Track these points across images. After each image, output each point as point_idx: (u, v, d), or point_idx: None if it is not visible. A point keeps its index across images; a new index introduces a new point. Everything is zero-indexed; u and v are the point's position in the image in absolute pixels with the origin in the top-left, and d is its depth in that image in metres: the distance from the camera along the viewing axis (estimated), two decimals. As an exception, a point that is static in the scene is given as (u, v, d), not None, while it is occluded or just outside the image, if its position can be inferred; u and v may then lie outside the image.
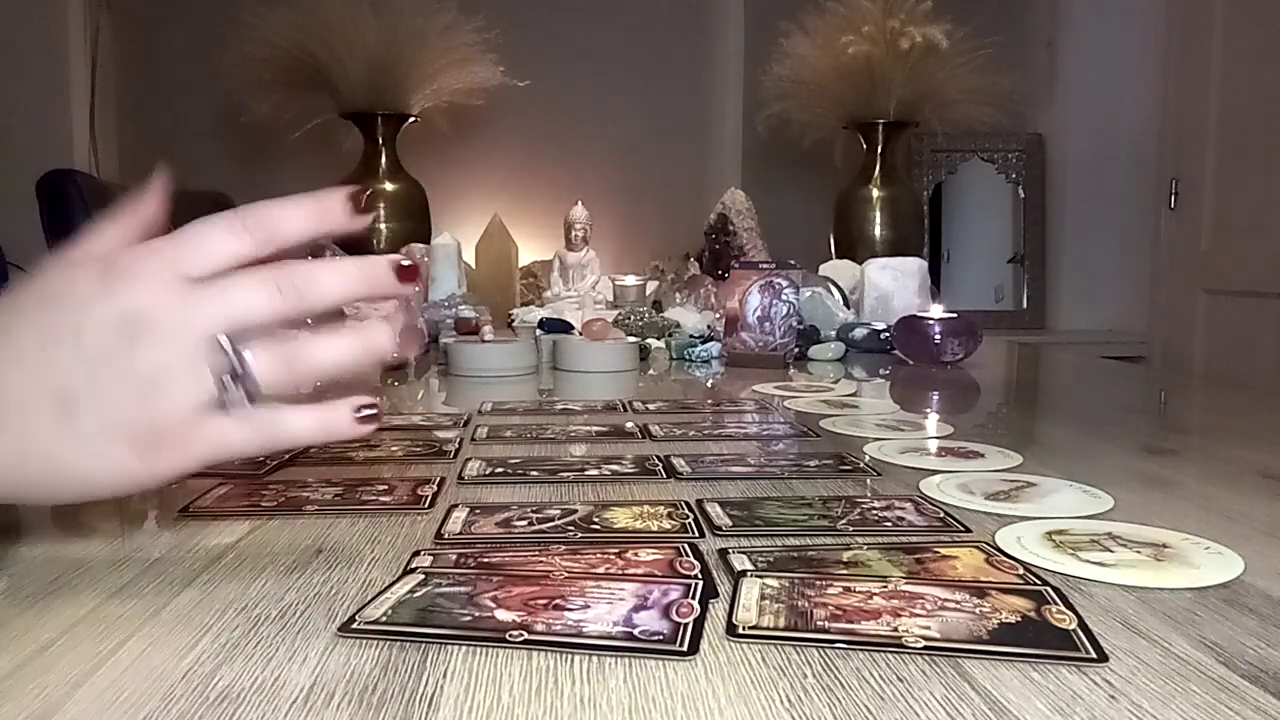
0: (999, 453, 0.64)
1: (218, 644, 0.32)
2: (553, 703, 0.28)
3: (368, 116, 2.21)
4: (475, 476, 0.57)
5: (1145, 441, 0.77)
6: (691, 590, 0.36)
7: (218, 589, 0.38)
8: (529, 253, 2.06)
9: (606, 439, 0.70)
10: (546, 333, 1.24)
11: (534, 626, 0.33)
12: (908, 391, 1.06)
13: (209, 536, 0.45)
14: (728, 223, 1.87)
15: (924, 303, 1.41)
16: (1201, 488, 0.56)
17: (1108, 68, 2.53)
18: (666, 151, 2.66)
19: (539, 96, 2.34)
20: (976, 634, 0.32)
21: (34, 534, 0.46)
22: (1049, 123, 2.61)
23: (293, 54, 2.11)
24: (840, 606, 0.35)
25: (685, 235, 2.28)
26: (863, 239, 2.31)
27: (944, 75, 2.21)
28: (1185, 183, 2.36)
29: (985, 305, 2.58)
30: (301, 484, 0.55)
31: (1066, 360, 1.56)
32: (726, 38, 2.64)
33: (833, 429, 0.74)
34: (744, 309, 1.20)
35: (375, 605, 0.35)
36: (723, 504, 0.50)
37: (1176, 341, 2.38)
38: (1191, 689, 0.29)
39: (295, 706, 0.28)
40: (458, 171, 2.53)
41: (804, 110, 2.31)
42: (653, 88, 2.63)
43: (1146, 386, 1.28)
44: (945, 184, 2.63)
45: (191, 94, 2.44)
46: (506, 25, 2.24)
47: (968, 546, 0.42)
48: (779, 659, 0.31)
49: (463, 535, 0.45)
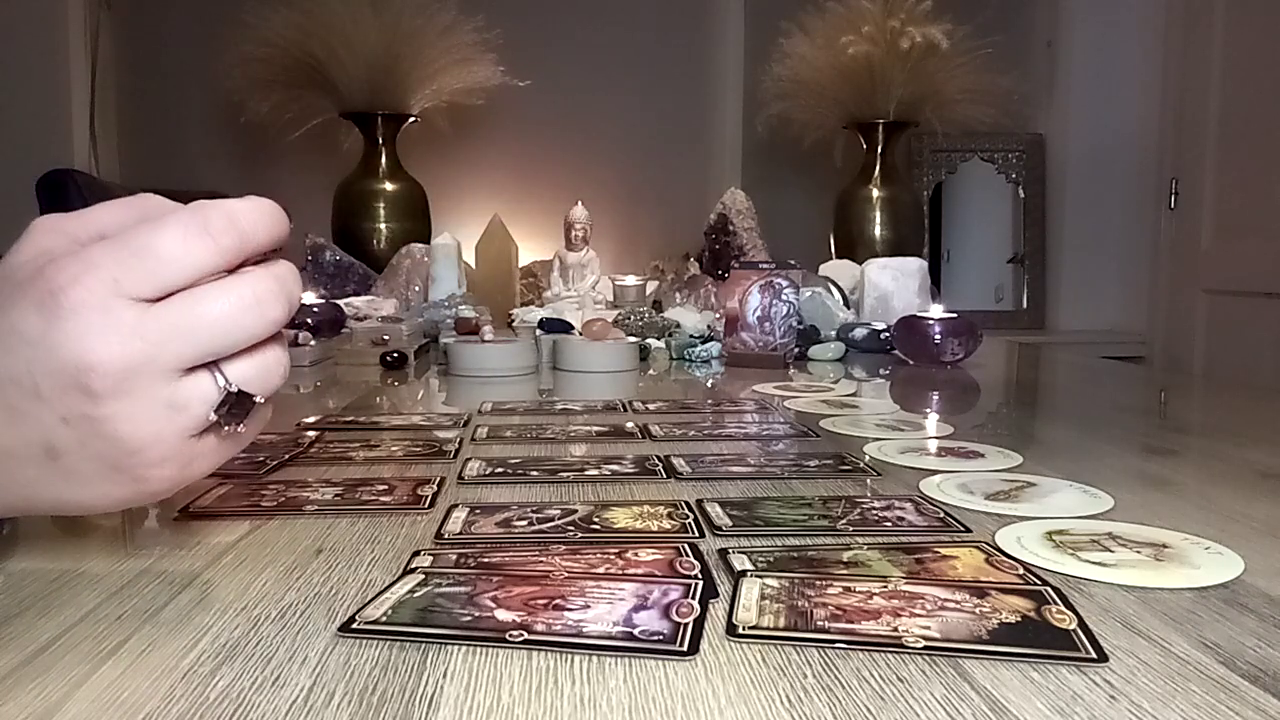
0: (999, 453, 0.64)
1: (218, 644, 0.32)
2: (553, 703, 0.28)
3: (368, 116, 2.21)
4: (475, 476, 0.57)
5: (1145, 441, 0.77)
6: (691, 590, 0.36)
7: (218, 589, 0.38)
8: (529, 253, 2.07)
9: (606, 439, 0.70)
10: (546, 333, 1.24)
11: (534, 626, 0.33)
12: (908, 391, 1.06)
13: (209, 536, 0.45)
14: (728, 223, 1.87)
15: (924, 303, 1.41)
16: (1201, 488, 0.56)
17: (1108, 68, 2.53)
18: (666, 152, 2.66)
19: (539, 96, 2.34)
20: (976, 634, 0.32)
21: (34, 534, 0.46)
22: (1049, 123, 2.61)
23: (293, 54, 2.12)
24: (840, 606, 0.35)
25: (685, 235, 2.28)
26: (863, 239, 2.32)
27: (944, 75, 2.21)
28: (1185, 183, 2.36)
29: (985, 305, 2.58)
30: (301, 484, 0.55)
31: (1066, 360, 1.56)
32: (726, 38, 2.64)
33: (833, 429, 0.74)
34: (744, 309, 1.20)
35: (375, 605, 0.35)
36: (723, 504, 0.50)
37: (1176, 341, 2.38)
38: (1191, 689, 0.29)
39: (295, 706, 0.28)
40: (458, 171, 2.53)
41: (804, 110, 2.31)
42: (653, 88, 2.63)
43: (1146, 386, 1.28)
44: (945, 184, 2.63)
45: (191, 94, 2.45)
46: (506, 25, 2.24)
47: (968, 546, 0.42)
48: (779, 659, 0.31)
49: (463, 535, 0.45)
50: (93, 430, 0.32)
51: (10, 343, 0.32)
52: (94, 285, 0.31)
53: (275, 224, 0.35)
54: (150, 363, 0.32)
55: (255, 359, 0.34)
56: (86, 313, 0.31)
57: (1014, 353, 1.51)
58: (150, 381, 0.32)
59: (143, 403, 0.32)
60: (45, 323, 0.31)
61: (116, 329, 0.31)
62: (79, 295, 0.31)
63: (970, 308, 2.18)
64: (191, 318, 0.32)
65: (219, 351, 0.33)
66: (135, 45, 2.47)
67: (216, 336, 0.33)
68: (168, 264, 0.32)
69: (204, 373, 0.33)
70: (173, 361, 0.32)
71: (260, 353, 0.35)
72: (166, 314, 0.32)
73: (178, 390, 0.33)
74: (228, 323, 0.33)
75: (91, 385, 0.31)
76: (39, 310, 0.31)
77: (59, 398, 0.32)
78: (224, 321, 0.33)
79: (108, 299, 0.31)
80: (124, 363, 0.31)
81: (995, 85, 2.22)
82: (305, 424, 0.75)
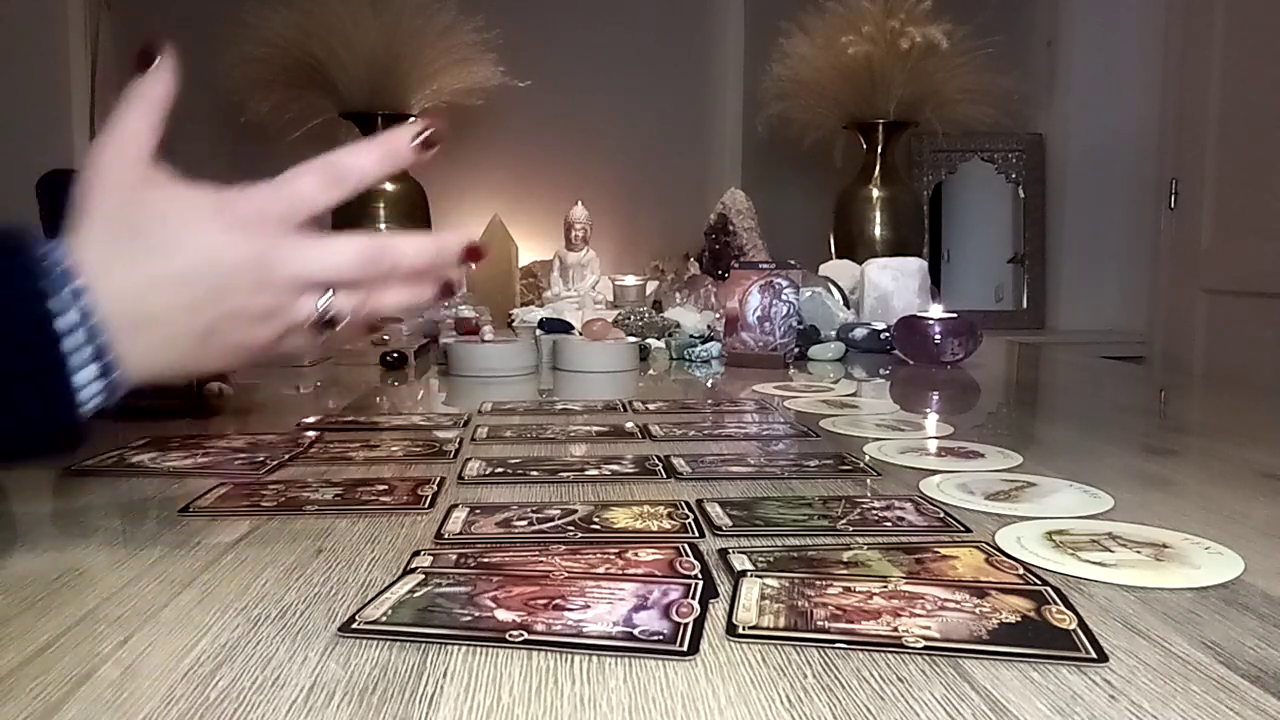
0: (999, 453, 0.64)
1: (218, 644, 0.32)
2: (553, 703, 0.28)
3: (368, 116, 2.21)
4: (475, 476, 0.57)
5: (1145, 441, 0.77)
6: (691, 590, 0.36)
7: (218, 589, 0.38)
8: (529, 253, 2.07)
9: (606, 439, 0.70)
10: (546, 333, 1.24)
11: (534, 626, 0.33)
12: (908, 391, 1.06)
13: (209, 536, 0.45)
14: (728, 223, 1.87)
15: (924, 303, 1.41)
16: (1201, 488, 0.56)
17: (1108, 68, 2.53)
18: (666, 151, 2.66)
19: (539, 96, 2.34)
20: (976, 634, 0.32)
21: (34, 534, 0.46)
22: (1049, 123, 2.61)
23: (293, 54, 2.11)
24: (840, 606, 0.35)
25: (685, 235, 2.28)
26: (863, 239, 2.31)
27: (944, 75, 2.21)
28: (1185, 183, 2.36)
29: (985, 305, 2.58)
30: (301, 484, 0.55)
31: (1066, 360, 1.56)
32: (726, 38, 2.63)
33: (833, 429, 0.74)
34: (744, 309, 1.20)
35: (375, 605, 0.35)
36: (723, 504, 0.50)
37: (1176, 341, 2.38)
38: (1191, 689, 0.29)
39: (295, 706, 0.28)
40: (458, 171, 2.53)
41: (804, 110, 2.31)
42: (653, 88, 2.63)
43: (1146, 386, 1.28)
44: (945, 184, 2.63)
45: (191, 94, 2.43)
46: (506, 25, 2.24)
47: (968, 546, 0.42)
48: (779, 659, 0.31)
49: (463, 535, 0.45)
50: (242, 311, 0.43)
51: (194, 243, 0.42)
52: (270, 213, 0.44)
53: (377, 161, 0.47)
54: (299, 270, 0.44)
55: (357, 292, 0.46)
56: (269, 232, 0.43)
57: (1014, 353, 1.51)
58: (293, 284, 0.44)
59: (283, 296, 0.44)
60: (230, 234, 0.43)
61: (284, 244, 0.44)
62: (260, 217, 0.43)
63: (970, 308, 2.18)
64: (327, 248, 0.44)
65: (336, 275, 0.45)
66: (135, 45, 2.47)
67: (335, 263, 0.45)
68: (312, 200, 0.45)
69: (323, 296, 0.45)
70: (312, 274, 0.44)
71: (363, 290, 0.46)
72: (315, 243, 0.44)
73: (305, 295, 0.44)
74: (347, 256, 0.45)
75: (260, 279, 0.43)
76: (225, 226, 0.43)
77: (231, 285, 0.42)
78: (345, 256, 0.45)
79: (279, 224, 0.44)
80: (285, 268, 0.44)
81: (995, 85, 2.22)
82: (305, 424, 0.75)
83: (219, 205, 0.43)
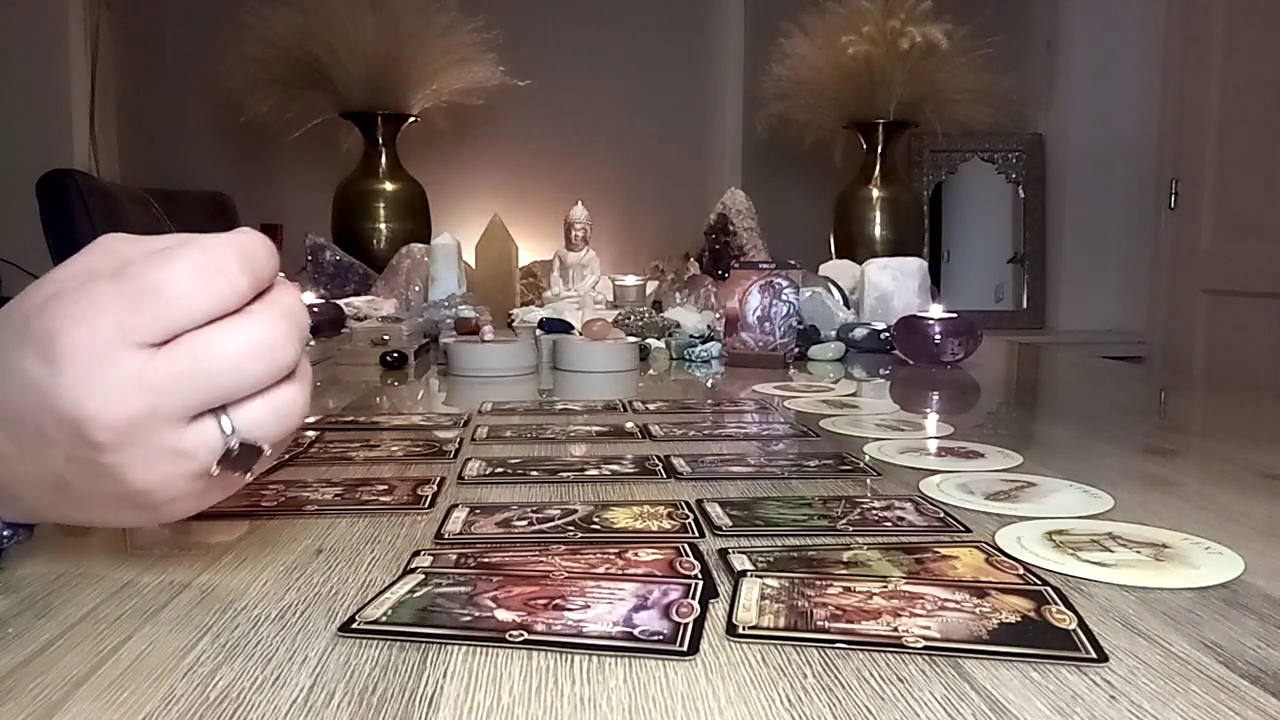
0: (999, 453, 0.64)
1: (218, 644, 0.32)
2: (553, 703, 0.28)
3: (368, 116, 2.21)
4: (475, 476, 0.57)
5: (1145, 441, 0.77)
6: (691, 590, 0.36)
7: (218, 589, 0.38)
8: (529, 253, 2.06)
9: (606, 439, 0.70)
10: (546, 333, 1.24)
11: (534, 626, 0.33)
12: (908, 391, 1.06)
13: (209, 536, 0.45)
14: (728, 223, 1.87)
15: (924, 303, 1.41)
16: (1201, 488, 0.56)
17: (1108, 68, 2.53)
18: (666, 151, 2.66)
19: (539, 96, 2.34)
20: (976, 634, 0.32)
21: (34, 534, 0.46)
22: (1049, 123, 2.61)
23: (293, 54, 2.12)
24: (840, 606, 0.35)
25: (685, 235, 2.28)
26: (863, 239, 2.32)
27: (944, 75, 2.21)
28: (1185, 183, 2.36)
29: (985, 305, 2.58)
30: (301, 484, 0.55)
31: (1066, 360, 1.55)
32: (726, 38, 2.64)
33: (833, 429, 0.74)
34: (744, 309, 1.20)
35: (375, 605, 0.35)
36: (723, 504, 0.50)
37: (1176, 341, 2.38)
38: (1191, 689, 0.29)
39: (295, 706, 0.28)
40: (458, 171, 2.53)
41: (804, 110, 2.31)
42: (653, 88, 2.63)
43: (1146, 386, 1.27)
44: (945, 184, 2.63)
45: (191, 94, 2.45)
46: (506, 25, 2.24)
47: (968, 546, 0.42)
48: (779, 659, 0.31)
49: (463, 535, 0.45)
50: (98, 473, 0.32)
51: (17, 381, 0.31)
52: (97, 329, 0.30)
53: (274, 256, 0.33)
54: (153, 413, 0.30)
55: (267, 400, 0.32)
56: (86, 361, 0.30)
57: (1014, 353, 1.51)
58: (154, 430, 0.31)
59: (147, 450, 0.31)
60: (45, 368, 0.30)
61: (118, 380, 0.30)
62: (79, 339, 0.30)
63: (970, 308, 2.18)
64: (198, 364, 0.31)
65: (226, 398, 0.32)
66: (135, 45, 2.47)
67: (224, 384, 0.31)
68: (177, 306, 0.30)
69: (210, 419, 0.32)
70: (178, 410, 0.31)
71: (273, 393, 0.33)
72: (172, 361, 0.30)
73: (183, 437, 0.31)
74: (235, 369, 0.31)
75: (93, 437, 0.30)
76: (39, 354, 0.30)
77: (63, 441, 0.31)
78: (231, 368, 0.31)
79: (110, 345, 0.30)
80: (125, 416, 0.30)
81: (995, 85, 2.23)
82: (305, 424, 0.75)
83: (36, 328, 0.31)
